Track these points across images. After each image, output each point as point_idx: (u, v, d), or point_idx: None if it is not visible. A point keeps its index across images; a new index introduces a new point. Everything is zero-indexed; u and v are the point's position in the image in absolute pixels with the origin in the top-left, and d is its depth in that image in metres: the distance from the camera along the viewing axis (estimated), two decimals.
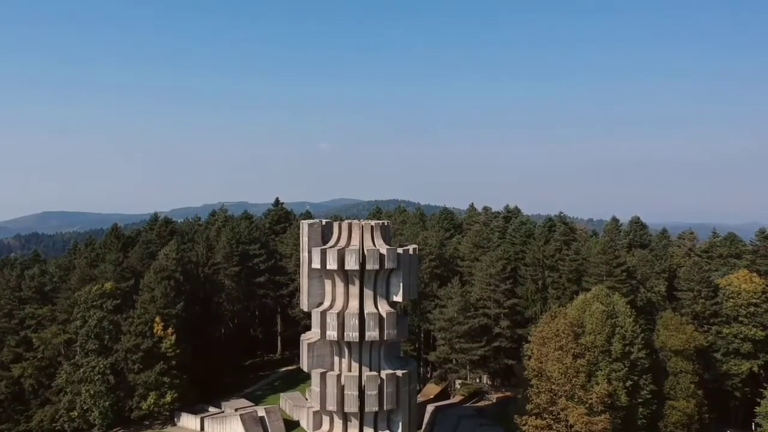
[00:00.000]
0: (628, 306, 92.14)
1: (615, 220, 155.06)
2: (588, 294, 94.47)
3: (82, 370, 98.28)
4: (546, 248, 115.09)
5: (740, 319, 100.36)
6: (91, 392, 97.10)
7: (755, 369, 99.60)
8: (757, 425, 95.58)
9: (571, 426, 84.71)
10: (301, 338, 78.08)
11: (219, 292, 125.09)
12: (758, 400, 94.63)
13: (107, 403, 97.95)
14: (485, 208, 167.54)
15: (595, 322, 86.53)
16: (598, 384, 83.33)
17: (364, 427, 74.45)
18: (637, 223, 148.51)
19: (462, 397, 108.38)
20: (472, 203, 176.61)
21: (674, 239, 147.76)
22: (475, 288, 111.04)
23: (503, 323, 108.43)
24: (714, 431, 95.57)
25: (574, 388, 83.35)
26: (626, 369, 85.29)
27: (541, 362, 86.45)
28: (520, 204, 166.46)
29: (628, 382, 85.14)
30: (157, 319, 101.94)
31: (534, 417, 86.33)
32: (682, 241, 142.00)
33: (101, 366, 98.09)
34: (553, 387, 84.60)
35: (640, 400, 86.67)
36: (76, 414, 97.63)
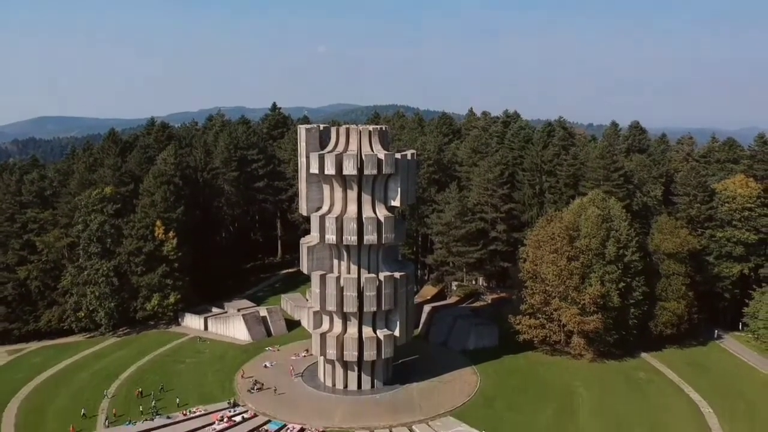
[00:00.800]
0: (624, 210, 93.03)
1: (614, 125, 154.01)
2: (584, 198, 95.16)
3: (86, 272, 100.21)
4: (544, 153, 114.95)
5: (734, 223, 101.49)
6: (96, 294, 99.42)
7: (746, 271, 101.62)
8: (744, 325, 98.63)
9: (564, 325, 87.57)
10: (301, 242, 79.23)
11: (218, 196, 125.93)
12: (747, 301, 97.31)
13: (112, 304, 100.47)
14: (484, 113, 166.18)
15: (591, 225, 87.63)
16: (591, 286, 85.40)
17: (363, 326, 76.77)
18: (636, 128, 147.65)
19: (458, 298, 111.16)
20: (471, 108, 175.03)
21: (673, 144, 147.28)
22: (472, 193, 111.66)
23: (500, 227, 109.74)
24: (703, 331, 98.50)
25: (567, 289, 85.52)
26: (619, 271, 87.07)
27: (536, 265, 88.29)
28: (520, 109, 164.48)
29: (621, 284, 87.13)
30: (158, 223, 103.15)
31: (528, 317, 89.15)
32: (680, 146, 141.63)
33: (105, 268, 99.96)
34: (547, 288, 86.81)
35: (632, 301, 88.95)
36: (83, 314, 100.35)
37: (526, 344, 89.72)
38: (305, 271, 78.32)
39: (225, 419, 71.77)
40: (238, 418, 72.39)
